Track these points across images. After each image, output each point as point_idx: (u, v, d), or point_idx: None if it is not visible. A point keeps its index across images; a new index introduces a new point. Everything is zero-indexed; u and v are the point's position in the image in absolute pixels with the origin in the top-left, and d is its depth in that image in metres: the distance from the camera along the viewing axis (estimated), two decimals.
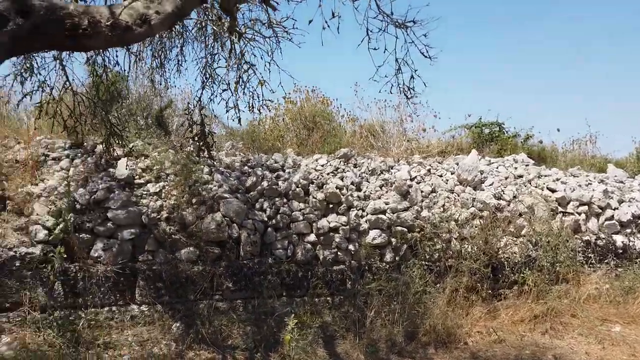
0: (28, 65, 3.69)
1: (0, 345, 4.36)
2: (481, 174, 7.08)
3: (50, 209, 5.02)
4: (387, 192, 6.40)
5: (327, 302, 5.83)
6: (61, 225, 4.90)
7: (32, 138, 5.62)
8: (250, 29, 4.34)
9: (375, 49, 3.28)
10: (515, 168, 7.53)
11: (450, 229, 6.29)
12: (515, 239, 6.53)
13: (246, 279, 5.50)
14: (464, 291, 5.93)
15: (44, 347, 4.40)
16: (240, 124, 4.79)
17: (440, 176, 7.00)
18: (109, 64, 4.62)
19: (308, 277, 5.79)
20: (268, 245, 5.73)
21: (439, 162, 7.38)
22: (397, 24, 3.32)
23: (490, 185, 7.03)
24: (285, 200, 5.96)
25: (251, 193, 5.88)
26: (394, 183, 6.43)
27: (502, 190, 6.93)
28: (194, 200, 5.53)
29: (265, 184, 5.92)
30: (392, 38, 3.35)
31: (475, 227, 6.35)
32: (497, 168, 7.45)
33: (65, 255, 4.84)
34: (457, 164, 7.18)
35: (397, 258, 6.15)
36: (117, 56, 4.60)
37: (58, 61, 3.74)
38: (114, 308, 4.99)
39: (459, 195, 6.73)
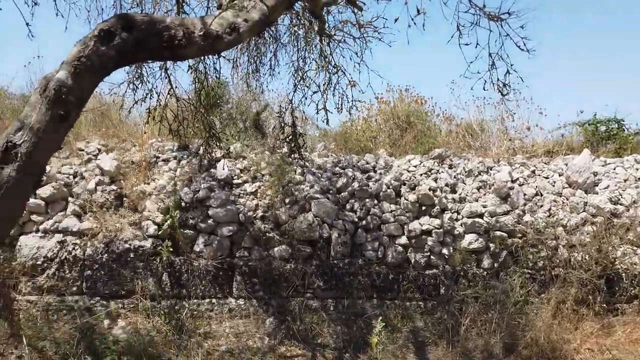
0: (138, 74, 4.10)
1: (116, 328, 4.87)
2: (594, 175, 6.40)
3: (159, 206, 5.49)
4: (485, 194, 6.05)
5: (419, 307, 5.68)
6: (168, 222, 5.33)
7: (145, 141, 6.19)
8: (339, 31, 4.37)
9: (467, 44, 3.11)
10: (637, 169, 6.69)
11: (557, 236, 5.77)
12: (635, 248, 5.81)
13: (336, 278, 5.55)
14: (573, 303, 5.41)
15: (153, 333, 4.83)
16: (329, 125, 4.84)
17: (546, 178, 6.45)
18: (209, 71, 4.95)
19: (399, 280, 5.68)
20: (358, 246, 5.73)
21: (545, 163, 6.80)
22: (490, 16, 3.12)
23: (605, 188, 6.33)
24: (375, 201, 5.90)
25: (342, 194, 5.92)
26: (493, 185, 6.06)
27: (620, 194, 6.20)
28: (287, 200, 5.71)
29: (356, 184, 5.92)
30: (485, 32, 3.15)
31: (587, 234, 5.77)
32: (614, 169, 6.68)
33: (171, 249, 5.26)
34: (566, 164, 6.56)
35: (495, 265, 5.79)
36: (215, 63, 4.91)
37: (163, 70, 4.10)
38: (213, 300, 5.32)
39: (567, 199, 6.15)
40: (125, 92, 4.11)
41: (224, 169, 5.74)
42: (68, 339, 4.30)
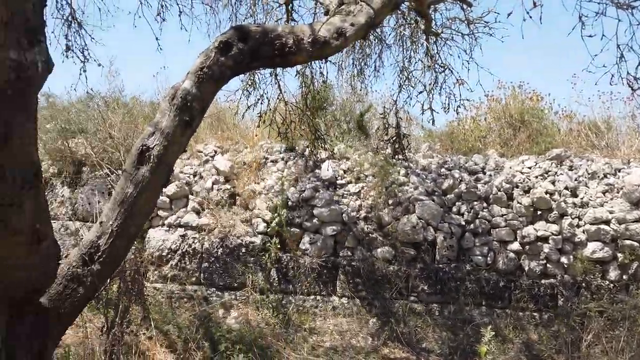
0: (251, 80, 4.37)
1: (229, 318, 5.22)
2: None
3: (268, 204, 5.79)
4: (612, 199, 5.46)
5: (533, 318, 5.30)
6: (276, 220, 5.60)
7: (255, 143, 6.56)
8: (447, 29, 4.24)
9: (590, 36, 2.83)
10: None
11: None
12: None
13: (442, 283, 5.39)
14: None
15: (262, 325, 5.10)
16: (434, 125, 4.72)
17: None
18: (315, 75, 5.10)
19: (510, 288, 5.35)
20: (465, 251, 5.50)
21: None
22: (619, 4, 2.81)
23: None
24: (485, 204, 5.63)
25: (448, 196, 5.73)
26: (622, 189, 5.44)
27: None
28: (390, 201, 5.68)
29: (463, 186, 5.69)
30: (612, 21, 2.84)
31: None
32: None
33: (279, 246, 5.52)
34: None
35: (624, 277, 5.20)
36: (321, 67, 5.05)
37: (273, 76, 4.33)
38: (318, 297, 5.47)
39: None
40: (240, 98, 4.40)
41: (328, 170, 5.87)
42: (188, 325, 4.71)
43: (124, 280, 3.75)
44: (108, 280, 3.42)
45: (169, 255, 5.66)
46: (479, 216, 5.53)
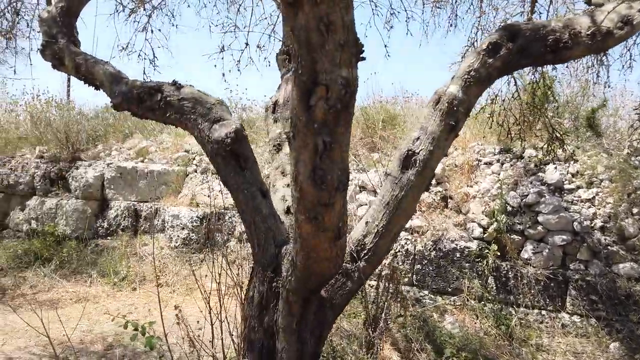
0: None
1: (445, 323, 5.14)
2: None
3: (484, 209, 5.54)
4: None
5: None
6: (494, 225, 5.33)
7: (466, 144, 6.36)
8: None
9: None
10: None
11: None
12: None
13: None
14: None
15: (481, 334, 4.90)
16: None
17: None
18: (545, 69, 4.69)
19: None
20: None
21: None
22: None
23: None
24: None
25: None
26: None
27: None
28: (634, 210, 4.91)
29: None
30: None
31: None
32: None
33: (498, 253, 5.24)
34: None
35: None
36: None
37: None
38: (543, 312, 5.03)
39: None
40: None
41: (554, 173, 5.36)
42: (409, 325, 4.79)
43: (383, 278, 4.00)
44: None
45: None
46: None
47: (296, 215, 2.02)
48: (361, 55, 1.77)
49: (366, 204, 6.19)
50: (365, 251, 2.64)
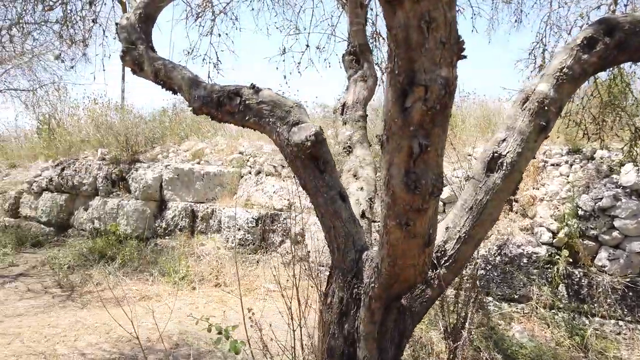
0: None
1: (513, 331, 4.93)
2: None
3: (553, 212, 5.28)
4: None
5: None
6: (565, 230, 5.06)
7: None
8: None
9: None
10: None
11: None
12: None
13: None
14: None
15: (552, 344, 4.66)
16: None
17: None
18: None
19: None
20: None
21: None
22: None
23: None
24: None
25: None
26: None
27: None
28: None
29: None
30: None
31: None
32: None
33: (569, 260, 4.97)
34: None
35: None
36: None
37: None
38: (621, 323, 4.72)
39: None
40: None
41: (631, 175, 5.03)
42: (476, 333, 4.61)
43: (464, 288, 3.89)
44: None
45: None
46: None
47: (385, 221, 1.95)
48: (462, 54, 1.69)
49: None
50: (446, 258, 2.53)
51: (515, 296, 5.22)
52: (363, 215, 2.75)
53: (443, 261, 2.55)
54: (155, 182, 8.44)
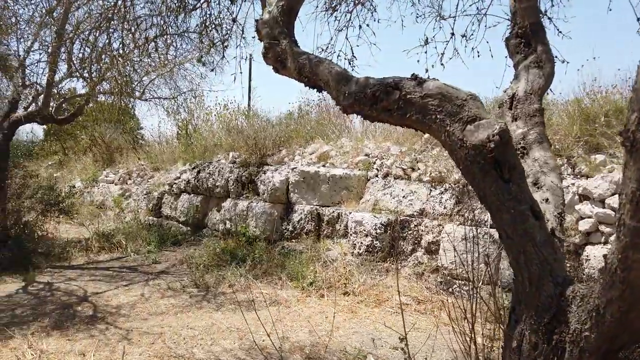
0: None
1: None
2: None
3: None
4: None
5: None
6: None
7: None
8: None
9: None
10: None
11: None
12: None
13: None
14: None
15: None
16: None
17: None
18: None
19: None
20: None
21: None
22: None
23: None
24: None
25: None
26: None
27: None
28: None
29: None
30: None
31: None
32: None
33: None
34: None
35: None
36: None
37: None
38: None
39: None
40: None
41: None
42: None
43: None
44: None
45: None
46: None
47: (624, 252, 1.39)
48: None
49: (590, 217, 5.10)
50: None
51: None
52: (552, 233, 2.17)
53: None
54: (282, 185, 8.48)
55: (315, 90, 2.46)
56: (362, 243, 7.01)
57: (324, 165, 8.48)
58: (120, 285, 6.80)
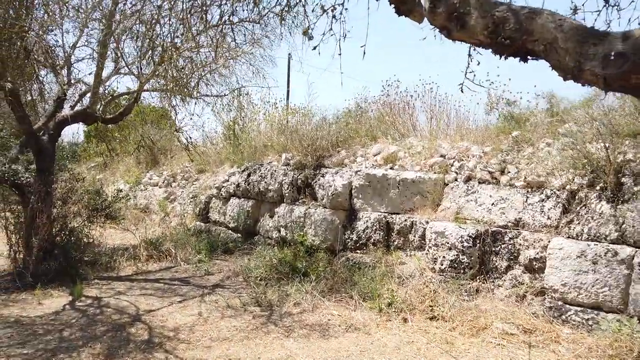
0: None
1: None
2: None
3: None
4: None
5: None
6: None
7: None
8: None
9: None
10: None
11: None
12: None
13: None
14: None
15: None
16: None
17: None
18: None
19: None
20: None
21: None
22: None
23: None
24: None
25: None
26: None
27: None
28: None
29: None
30: None
31: None
32: None
33: None
34: None
35: None
36: None
37: None
38: None
39: None
40: None
41: None
42: None
43: None
44: None
45: None
46: None
47: None
48: None
49: None
50: None
51: None
52: None
53: None
54: (345, 190, 7.65)
55: (520, 59, 1.61)
56: (444, 257, 6.10)
57: (392, 168, 7.60)
58: (174, 301, 6.12)
